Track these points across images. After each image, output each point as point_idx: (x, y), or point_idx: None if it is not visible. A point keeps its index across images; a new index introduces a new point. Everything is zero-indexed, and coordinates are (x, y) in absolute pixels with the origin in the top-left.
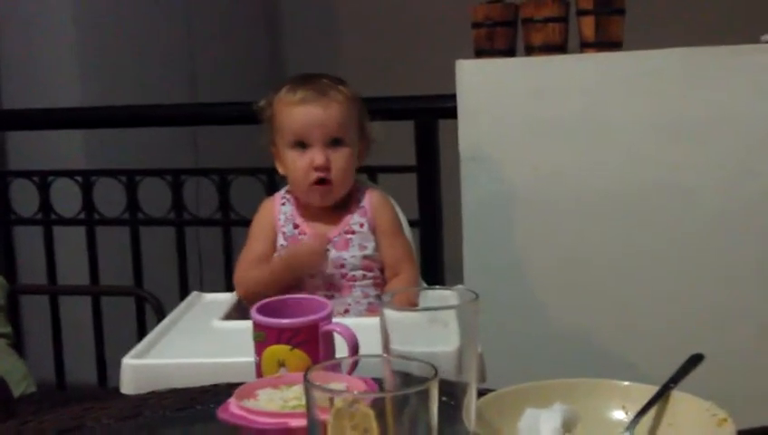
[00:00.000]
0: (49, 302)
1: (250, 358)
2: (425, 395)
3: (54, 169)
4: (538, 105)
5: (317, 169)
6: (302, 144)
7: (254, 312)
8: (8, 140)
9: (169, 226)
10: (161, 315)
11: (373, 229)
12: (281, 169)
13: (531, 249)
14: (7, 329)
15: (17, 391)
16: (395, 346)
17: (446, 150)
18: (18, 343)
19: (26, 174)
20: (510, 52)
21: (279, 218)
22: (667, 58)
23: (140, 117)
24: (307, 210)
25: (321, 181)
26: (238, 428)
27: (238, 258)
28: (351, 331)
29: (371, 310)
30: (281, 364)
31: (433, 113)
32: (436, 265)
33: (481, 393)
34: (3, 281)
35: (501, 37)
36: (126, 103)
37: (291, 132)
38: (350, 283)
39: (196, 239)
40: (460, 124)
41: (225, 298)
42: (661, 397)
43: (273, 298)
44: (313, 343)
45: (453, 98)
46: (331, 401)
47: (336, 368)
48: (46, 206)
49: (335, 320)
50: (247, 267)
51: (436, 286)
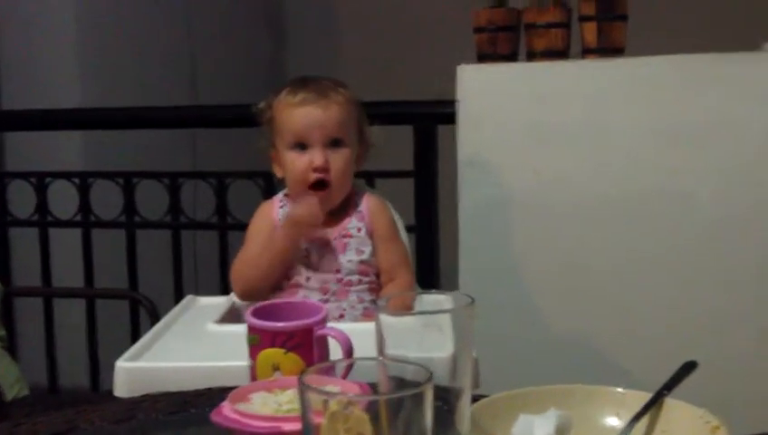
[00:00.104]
0: (43, 304)
1: (244, 362)
2: (419, 399)
3: (52, 171)
4: (539, 110)
5: (316, 169)
6: (301, 145)
7: (248, 315)
8: (6, 140)
9: (166, 229)
10: (156, 319)
11: (370, 234)
12: (279, 173)
13: (527, 254)
14: (1, 332)
15: (10, 394)
16: (390, 351)
17: (443, 156)
18: (11, 346)
19: (23, 175)
20: (512, 57)
21: (278, 221)
22: (669, 64)
23: (139, 119)
24: None
25: (319, 184)
26: (232, 431)
27: (234, 261)
28: (346, 335)
29: (367, 315)
30: (275, 368)
31: (432, 118)
32: (431, 270)
33: (475, 399)
34: None
35: (503, 42)
36: (126, 105)
37: (290, 133)
38: (346, 287)
39: (192, 242)
40: (460, 129)
41: (220, 302)
42: (655, 404)
43: (267, 302)
44: (308, 347)
45: (452, 103)
46: (326, 403)
47: (331, 371)
48: (43, 207)
49: (330, 324)
50: (243, 266)
51: (432, 291)
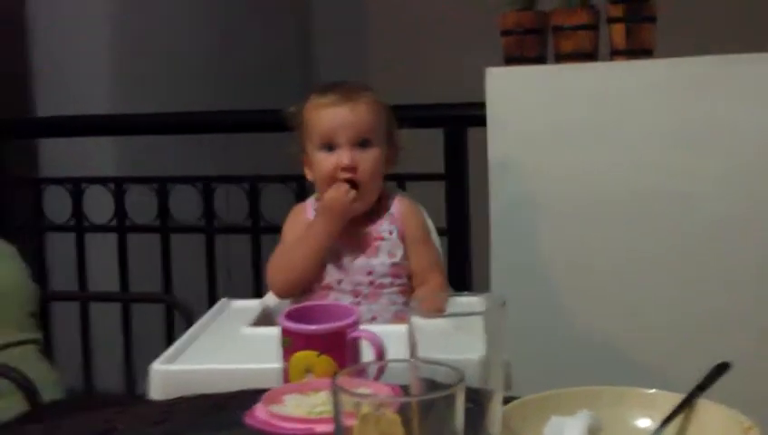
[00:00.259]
0: (79, 308)
1: (277, 364)
2: (451, 400)
3: (87, 176)
4: (568, 112)
5: (344, 169)
6: (329, 146)
7: (281, 318)
8: (42, 147)
9: (200, 233)
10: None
11: (402, 237)
12: (309, 175)
13: (558, 255)
14: (38, 335)
15: (46, 397)
16: (421, 353)
17: (473, 158)
18: (48, 350)
19: (59, 181)
20: (540, 59)
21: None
22: (699, 66)
23: (172, 124)
24: None
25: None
26: (265, 433)
27: (269, 259)
28: (378, 338)
29: (398, 318)
30: (308, 370)
31: (462, 121)
32: (463, 273)
33: (506, 400)
34: (35, 287)
35: (531, 45)
36: (157, 110)
37: (319, 134)
38: (378, 290)
39: (226, 246)
40: (489, 131)
41: (254, 305)
42: (687, 405)
43: (300, 304)
44: (340, 350)
45: (482, 106)
46: (358, 405)
47: (363, 373)
48: (79, 213)
49: (362, 327)
50: (279, 263)
51: (464, 293)
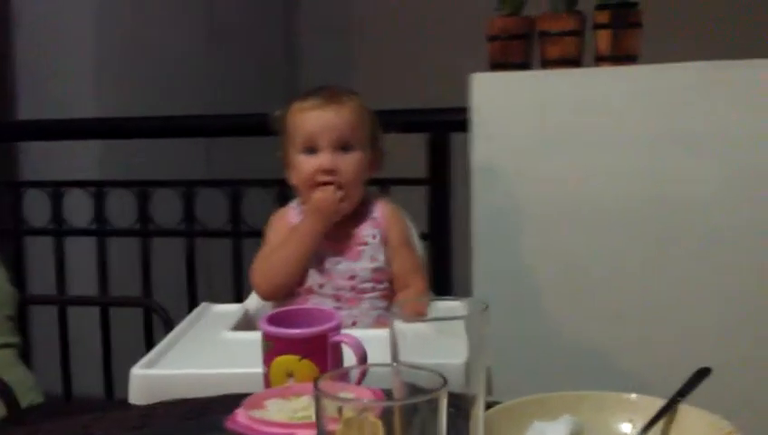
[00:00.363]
0: (58, 312)
1: (258, 369)
2: (434, 405)
3: (67, 180)
4: (552, 118)
5: (324, 171)
6: (311, 149)
7: (263, 322)
8: (21, 150)
9: (180, 237)
10: (170, 327)
11: (384, 241)
12: (292, 179)
13: (540, 261)
14: (16, 339)
15: (25, 401)
16: (403, 357)
17: (455, 163)
18: (26, 354)
19: (39, 184)
20: (525, 65)
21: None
22: (683, 72)
23: (154, 128)
24: None
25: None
26: None
27: (254, 262)
28: (360, 342)
29: (379, 322)
30: (289, 375)
31: (446, 126)
32: (445, 277)
33: (488, 405)
34: (13, 291)
35: (516, 50)
36: (141, 114)
37: (301, 137)
38: (360, 295)
39: (206, 250)
40: (473, 137)
41: (235, 309)
42: (668, 410)
43: (281, 309)
44: (322, 354)
45: (465, 111)
46: (341, 410)
47: (345, 378)
48: (58, 216)
49: (343, 331)
50: (264, 264)
51: (446, 297)
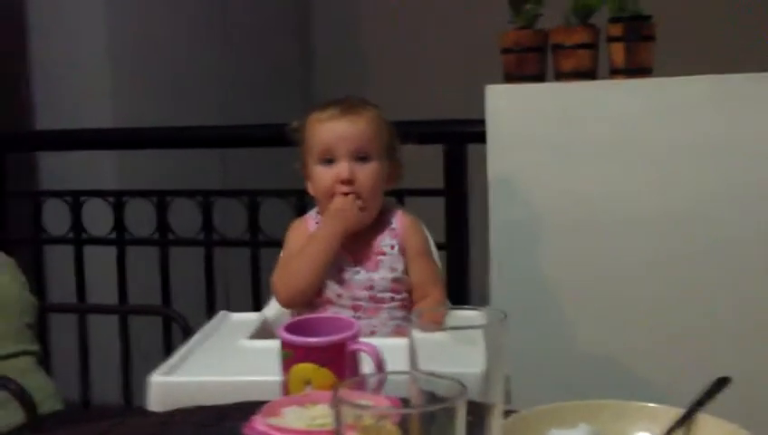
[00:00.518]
0: (77, 320)
1: (277, 377)
2: (452, 413)
3: (86, 189)
4: (567, 130)
5: (342, 181)
6: (329, 160)
7: (281, 330)
8: (41, 160)
9: (199, 246)
10: (188, 335)
11: (403, 251)
12: (311, 190)
13: (557, 271)
14: (36, 347)
15: (44, 408)
16: (422, 366)
17: (472, 175)
18: (46, 361)
19: (59, 194)
20: (539, 77)
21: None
22: (697, 85)
23: (172, 138)
24: None
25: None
26: None
27: (274, 271)
28: (378, 351)
29: (398, 332)
30: (307, 383)
31: (462, 137)
32: (463, 288)
33: (506, 414)
34: (33, 299)
35: (530, 63)
36: (158, 124)
37: (318, 148)
38: (378, 304)
39: (224, 260)
40: (489, 149)
41: (252, 318)
42: (687, 420)
43: (300, 317)
44: (340, 363)
45: (482, 123)
46: (359, 417)
47: (363, 386)
48: (78, 225)
49: (362, 340)
50: (284, 272)
51: (464, 306)
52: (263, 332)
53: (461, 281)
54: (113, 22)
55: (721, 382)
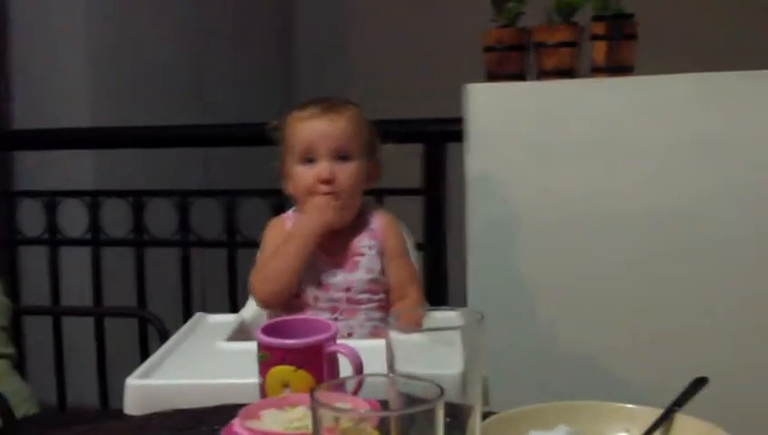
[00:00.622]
0: (52, 323)
1: (254, 379)
2: (431, 415)
3: (62, 190)
4: (548, 128)
5: (322, 181)
6: (309, 159)
7: (258, 332)
8: (17, 159)
9: (175, 247)
10: (164, 337)
11: (381, 252)
12: (289, 189)
13: (535, 271)
14: (11, 350)
15: (20, 412)
16: (400, 367)
17: (449, 174)
18: (21, 365)
19: (34, 194)
20: (521, 76)
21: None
22: (678, 83)
23: (150, 138)
24: None
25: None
26: None
27: (251, 271)
28: (356, 352)
29: (375, 333)
30: (285, 385)
31: (441, 136)
32: (440, 287)
33: (484, 416)
34: (7, 302)
35: (512, 61)
36: (136, 124)
37: (299, 147)
38: (356, 306)
39: (201, 261)
40: (468, 148)
41: (230, 319)
42: (665, 420)
43: (277, 319)
44: (318, 365)
45: (460, 122)
46: (338, 420)
47: (341, 388)
48: (53, 226)
49: (340, 341)
50: (262, 272)
51: (442, 307)
52: (240, 333)
53: (439, 281)
54: (94, 22)
55: (698, 383)
